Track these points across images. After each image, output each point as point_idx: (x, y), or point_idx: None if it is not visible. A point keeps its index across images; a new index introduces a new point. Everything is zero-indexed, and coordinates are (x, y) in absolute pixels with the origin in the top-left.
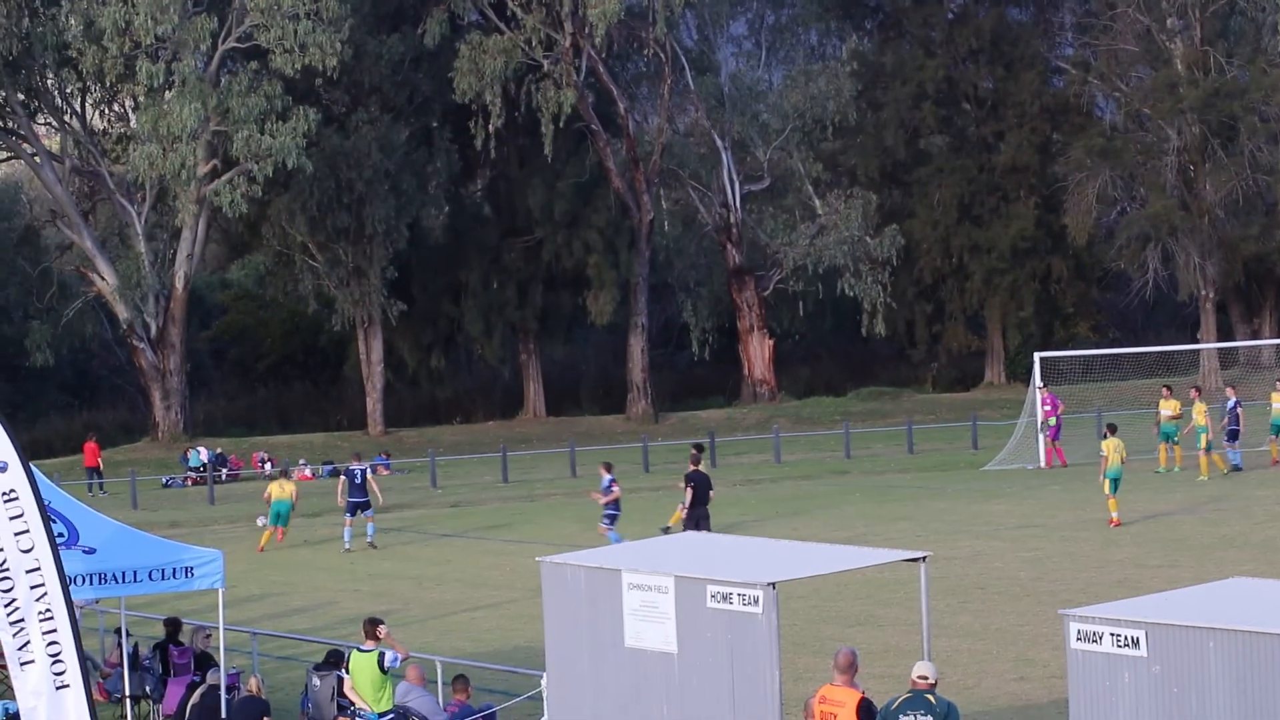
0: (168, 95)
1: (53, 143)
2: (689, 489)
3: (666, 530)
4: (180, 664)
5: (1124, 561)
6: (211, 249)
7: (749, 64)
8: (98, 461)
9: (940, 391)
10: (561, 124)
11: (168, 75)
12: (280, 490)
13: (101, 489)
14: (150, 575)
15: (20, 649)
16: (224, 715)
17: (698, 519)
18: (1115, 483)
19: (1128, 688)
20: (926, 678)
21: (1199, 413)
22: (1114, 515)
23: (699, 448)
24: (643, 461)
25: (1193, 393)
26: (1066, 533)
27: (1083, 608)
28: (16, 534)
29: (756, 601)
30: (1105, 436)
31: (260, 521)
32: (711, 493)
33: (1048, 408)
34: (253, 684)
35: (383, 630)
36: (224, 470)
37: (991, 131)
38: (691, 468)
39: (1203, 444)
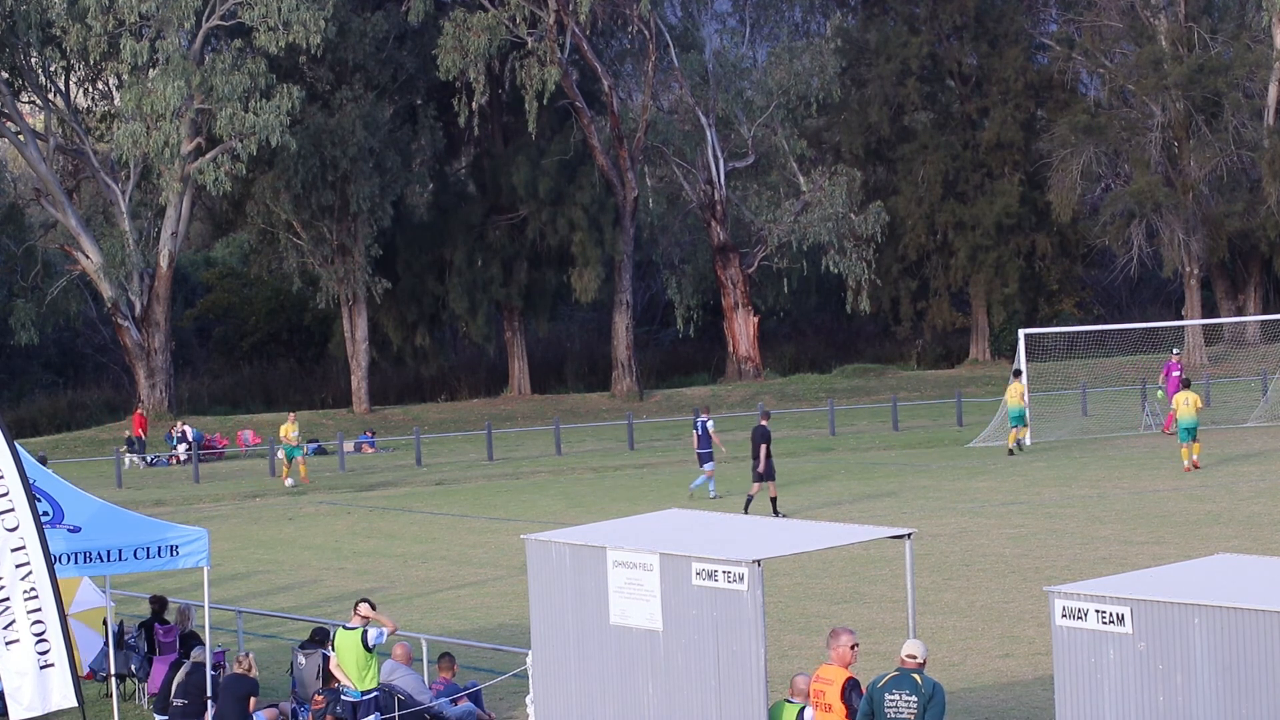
0: (151, 73)
1: (37, 121)
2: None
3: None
4: (166, 642)
5: (1109, 538)
6: (196, 227)
7: (733, 41)
8: (142, 431)
9: (925, 368)
10: (545, 101)
11: (151, 53)
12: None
13: (144, 461)
14: (135, 554)
15: (5, 628)
16: (210, 693)
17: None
18: (1188, 432)
19: (1113, 664)
20: (915, 657)
21: None
22: (1186, 462)
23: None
24: (628, 439)
25: None
26: (1051, 509)
27: (1068, 584)
28: (1, 512)
29: (742, 579)
30: (1180, 389)
31: (288, 483)
32: (764, 446)
33: (1177, 373)
34: (244, 662)
35: (364, 608)
36: (185, 446)
37: (976, 108)
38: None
39: None
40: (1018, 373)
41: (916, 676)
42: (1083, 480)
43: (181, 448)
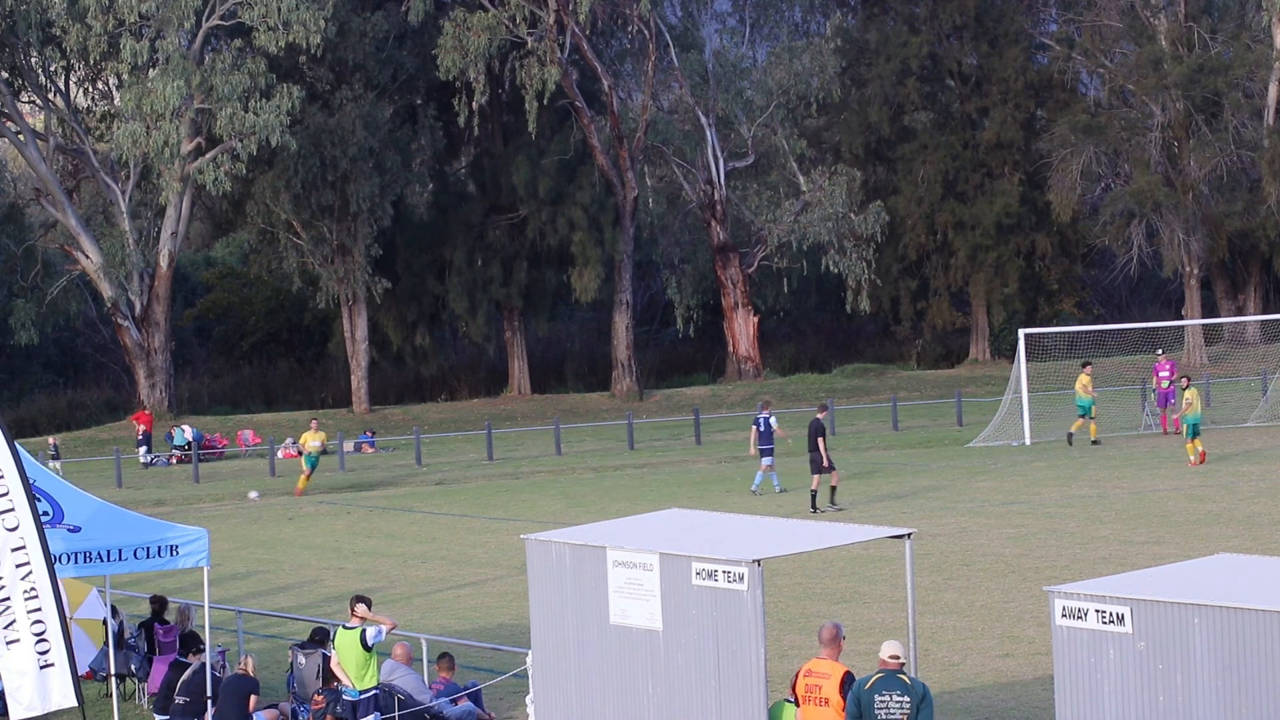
0: (151, 73)
1: (37, 121)
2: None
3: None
4: (166, 642)
5: (1109, 538)
6: (196, 227)
7: (733, 40)
8: (150, 430)
9: (925, 368)
10: (545, 101)
11: (151, 53)
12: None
13: (147, 461)
14: (135, 554)
15: (6, 628)
16: (210, 693)
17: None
18: (1194, 427)
19: (1113, 664)
20: (898, 657)
21: None
22: (1192, 458)
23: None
24: (628, 439)
25: None
26: (1051, 509)
27: (1068, 584)
28: (1, 512)
29: (742, 579)
30: (1185, 388)
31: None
32: (820, 440)
33: (1164, 374)
34: (248, 664)
35: (361, 609)
36: (184, 447)
37: (976, 108)
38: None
39: None
40: (1086, 364)
41: (904, 677)
42: (1083, 480)
43: (142, 450)
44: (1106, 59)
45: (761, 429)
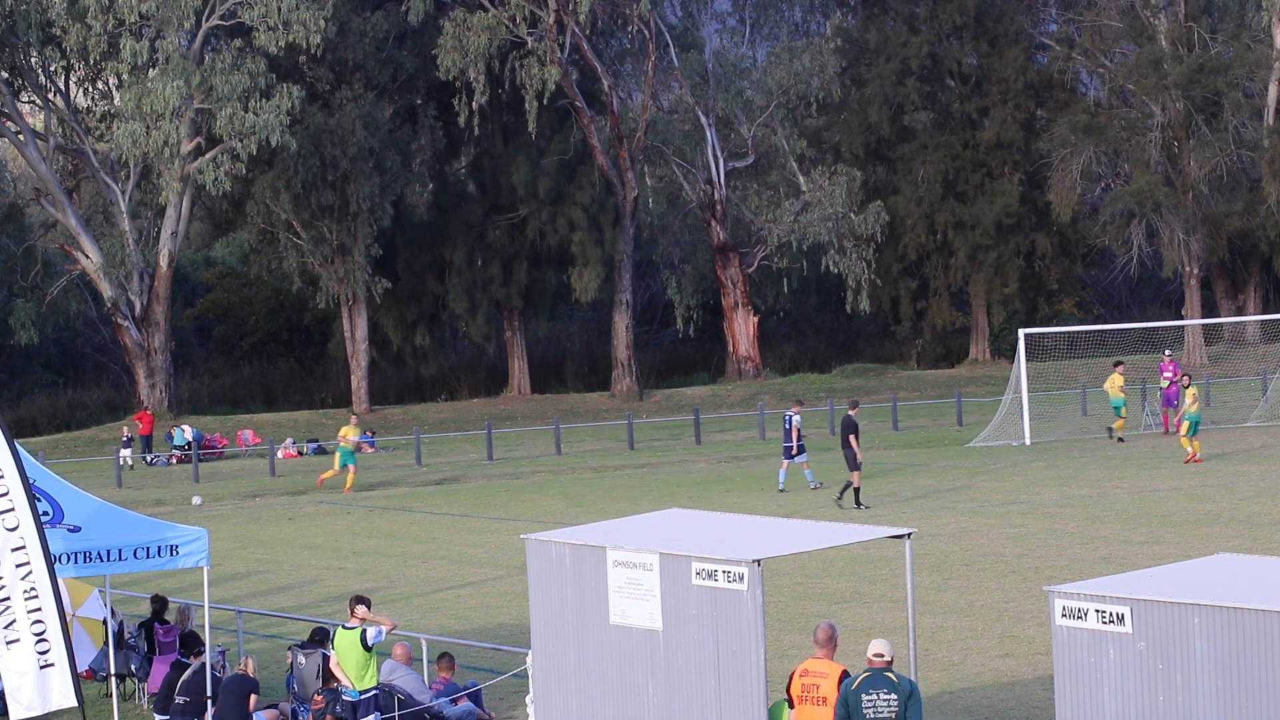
0: (151, 73)
1: (37, 121)
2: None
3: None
4: (166, 642)
5: (1109, 538)
6: (196, 227)
7: (733, 40)
8: (151, 430)
9: (925, 368)
10: (545, 101)
11: (151, 53)
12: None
13: (147, 461)
14: (135, 554)
15: (6, 628)
16: (210, 693)
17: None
18: (1194, 425)
19: (1113, 664)
20: (883, 655)
21: None
22: (1191, 452)
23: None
24: (628, 439)
25: None
26: (1051, 509)
27: (1068, 584)
28: (1, 512)
29: (742, 579)
30: (1186, 386)
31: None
32: (852, 436)
33: (1168, 374)
34: (248, 664)
35: (361, 610)
36: (184, 447)
37: (976, 108)
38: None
39: None
40: (1118, 363)
41: (890, 675)
42: (1083, 480)
43: (126, 453)
44: (1106, 59)
45: (785, 427)
